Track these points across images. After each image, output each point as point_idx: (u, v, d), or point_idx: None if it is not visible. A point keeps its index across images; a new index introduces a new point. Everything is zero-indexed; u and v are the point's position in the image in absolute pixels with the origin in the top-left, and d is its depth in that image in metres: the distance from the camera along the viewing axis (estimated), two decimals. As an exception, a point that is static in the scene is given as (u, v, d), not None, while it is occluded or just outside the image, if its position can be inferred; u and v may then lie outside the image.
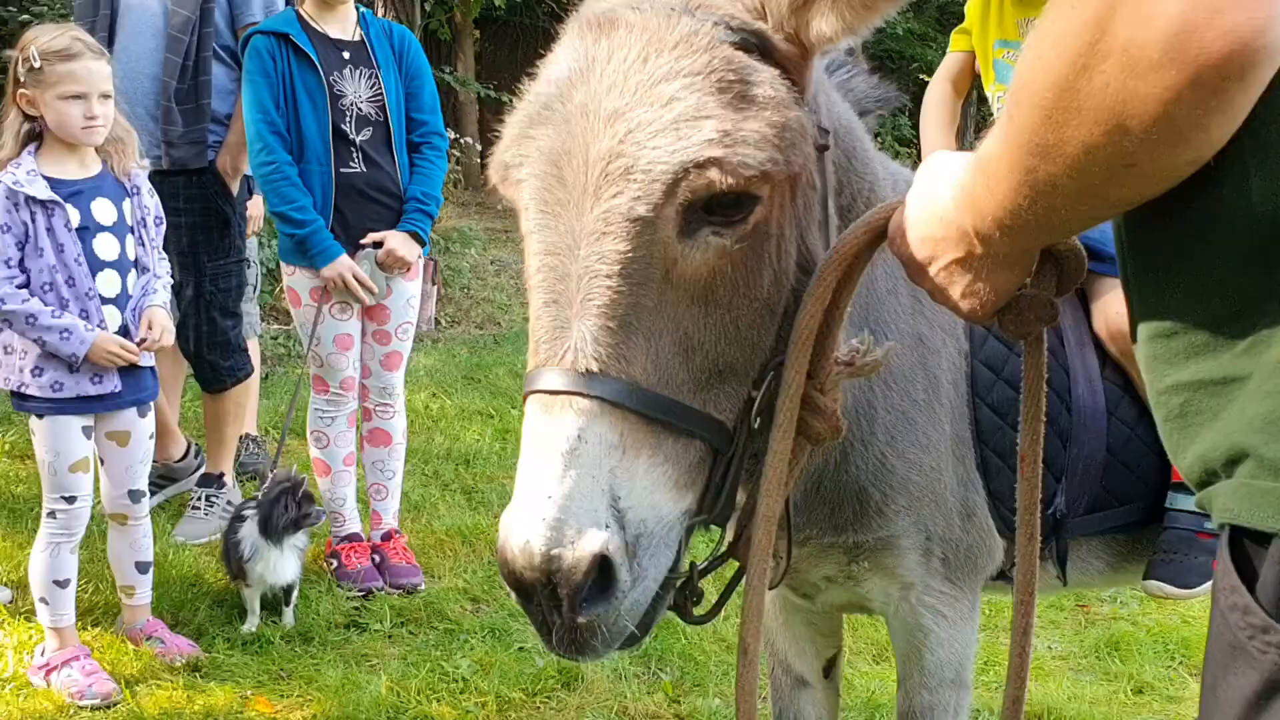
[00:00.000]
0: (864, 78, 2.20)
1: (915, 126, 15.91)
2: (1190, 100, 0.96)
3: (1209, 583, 2.24)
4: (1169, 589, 2.35)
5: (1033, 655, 4.46)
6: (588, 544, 1.43)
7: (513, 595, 1.53)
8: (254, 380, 5.71)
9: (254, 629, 4.41)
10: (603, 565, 1.45)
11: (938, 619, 2.42)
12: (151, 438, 4.17)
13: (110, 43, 4.92)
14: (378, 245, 4.71)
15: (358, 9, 4.85)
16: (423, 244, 4.84)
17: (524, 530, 1.44)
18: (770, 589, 2.34)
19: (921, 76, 17.84)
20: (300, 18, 4.75)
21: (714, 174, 1.51)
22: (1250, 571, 1.07)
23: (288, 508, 4.35)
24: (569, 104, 1.59)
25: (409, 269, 4.81)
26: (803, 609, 2.71)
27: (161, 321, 4.01)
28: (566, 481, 1.45)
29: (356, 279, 4.64)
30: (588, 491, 1.45)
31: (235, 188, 5.23)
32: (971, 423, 2.35)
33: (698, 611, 1.73)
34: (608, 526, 1.45)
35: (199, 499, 5.34)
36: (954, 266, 1.42)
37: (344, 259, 4.64)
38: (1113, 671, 4.44)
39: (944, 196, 1.39)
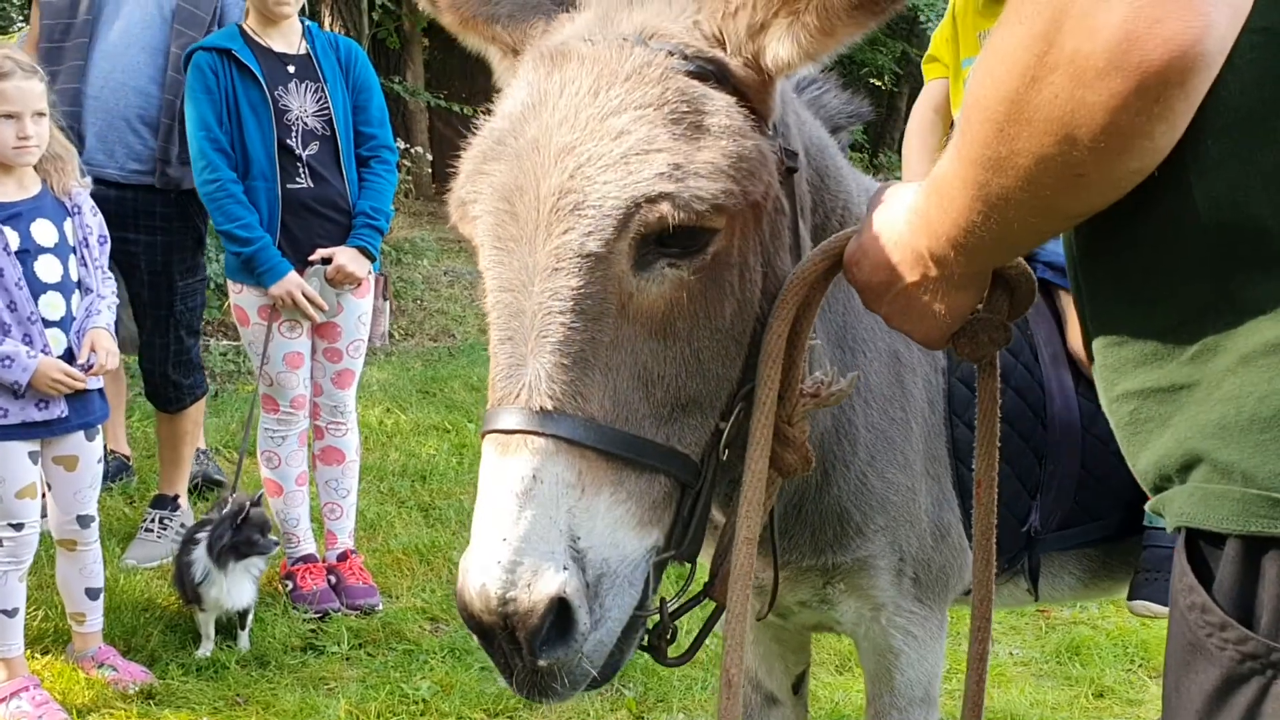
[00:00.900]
0: (835, 94, 2.19)
1: (866, 131, 15.99)
2: (1135, 107, 1.00)
3: None
4: (1155, 608, 2.34)
5: (994, 661, 4.48)
6: (544, 586, 1.40)
7: (474, 638, 1.50)
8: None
9: (208, 654, 4.33)
10: (561, 608, 1.42)
11: (908, 639, 2.40)
12: (100, 461, 4.08)
13: (88, 49, 4.84)
14: (326, 261, 4.64)
15: (303, 22, 4.78)
16: (372, 259, 4.77)
17: (480, 573, 1.41)
18: (758, 620, 2.33)
19: (872, 81, 17.96)
20: (244, 33, 4.67)
21: (665, 208, 1.48)
22: (1207, 572, 1.11)
23: (239, 533, 4.26)
24: (521, 139, 1.57)
25: (359, 285, 4.74)
26: (772, 625, 2.69)
27: (105, 344, 3.92)
28: (522, 523, 1.42)
29: (306, 296, 4.57)
30: (544, 533, 1.42)
31: None
32: (948, 441, 2.33)
33: (673, 652, 1.71)
34: (566, 568, 1.42)
35: (152, 521, 5.23)
36: (909, 290, 1.45)
37: (292, 276, 4.57)
38: (1074, 676, 4.46)
39: (898, 222, 1.42)
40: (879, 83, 17.58)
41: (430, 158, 14.34)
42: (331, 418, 4.93)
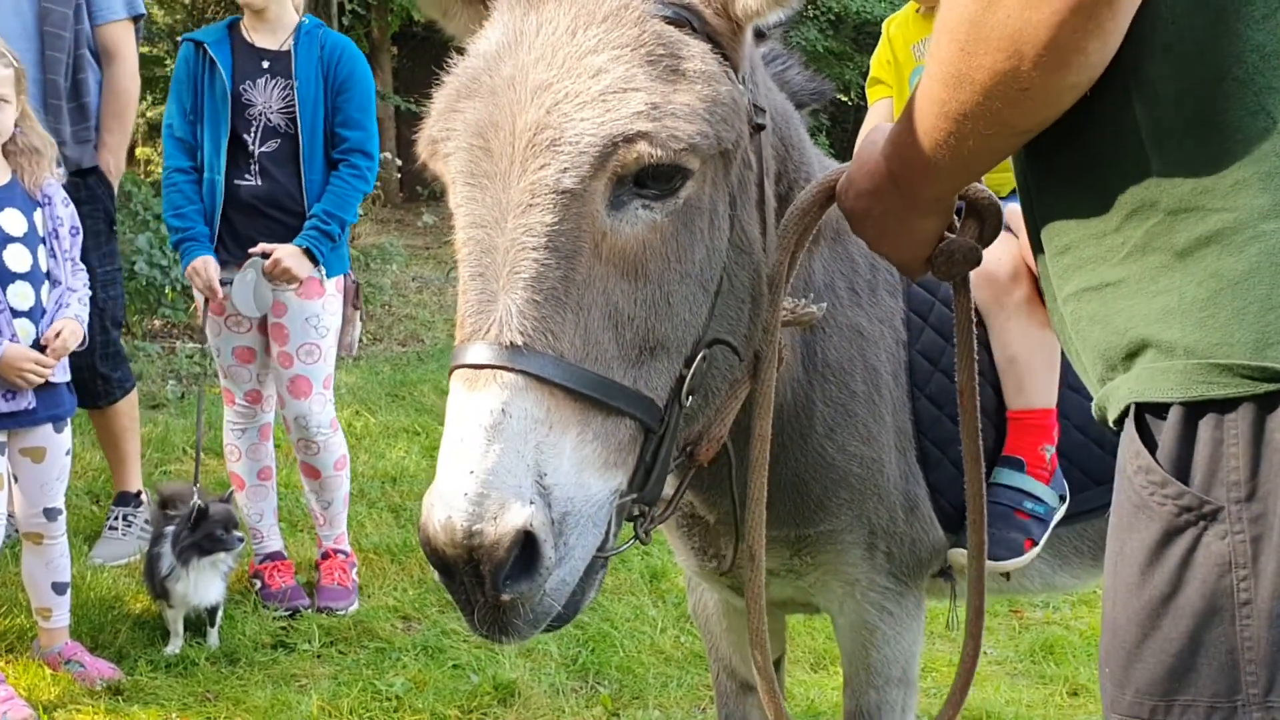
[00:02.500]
0: (799, 70, 2.22)
1: (831, 145, 16.09)
2: (1071, 25, 1.16)
3: (1016, 557, 2.33)
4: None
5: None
6: (511, 519, 1.38)
7: (435, 573, 1.49)
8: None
9: (178, 650, 4.26)
10: (527, 541, 1.41)
11: (883, 616, 2.40)
12: (68, 454, 4.02)
13: None
14: (266, 256, 4.48)
15: (306, 21, 4.70)
16: (315, 262, 4.56)
17: (445, 506, 1.40)
18: (722, 575, 2.33)
19: (839, 96, 18.06)
20: (235, 27, 4.65)
21: (642, 146, 1.50)
22: (1150, 442, 1.27)
23: (198, 529, 4.19)
24: (496, 77, 1.57)
25: (297, 284, 4.54)
26: (744, 611, 2.68)
27: (71, 329, 3.85)
28: (490, 456, 1.40)
29: (209, 285, 4.45)
30: (511, 466, 1.41)
31: (116, 187, 5.09)
32: (911, 413, 2.34)
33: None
34: (532, 502, 1.41)
35: (116, 519, 5.15)
36: (885, 216, 1.64)
37: (200, 260, 4.46)
38: (1048, 675, 4.47)
39: (877, 153, 1.59)
40: (844, 97, 17.71)
41: (399, 163, 14.29)
42: (299, 435, 4.72)
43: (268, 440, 4.90)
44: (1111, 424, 1.37)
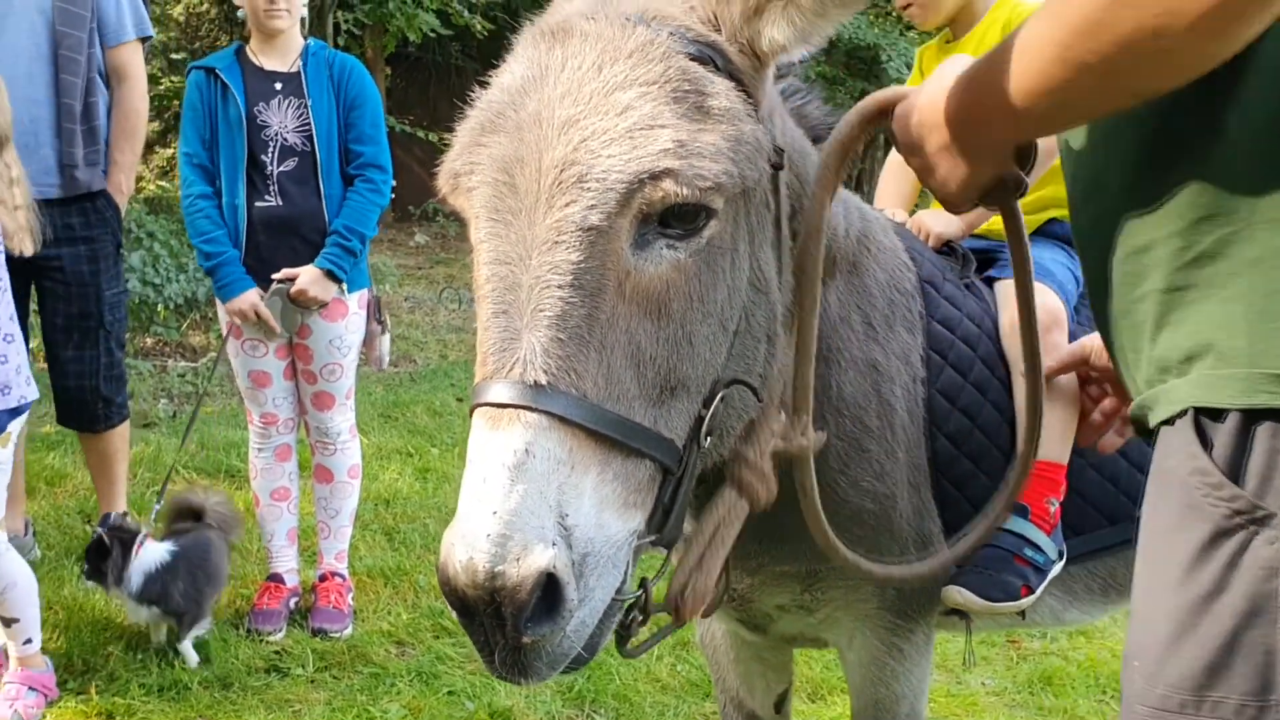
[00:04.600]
0: (817, 105, 2.20)
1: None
2: None
3: (1010, 601, 2.30)
4: (970, 596, 2.34)
5: (966, 691, 4.47)
6: (534, 560, 1.37)
7: (453, 613, 1.47)
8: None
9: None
10: (549, 583, 1.39)
11: (893, 652, 2.38)
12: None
13: None
14: (289, 281, 4.53)
15: (312, 43, 4.73)
16: (338, 281, 4.62)
17: (467, 546, 1.38)
18: (703, 616, 2.32)
19: (831, 120, 18.14)
20: (239, 52, 4.67)
21: (669, 185, 1.50)
22: (1206, 445, 1.29)
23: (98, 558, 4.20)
24: (521, 111, 1.56)
25: (323, 307, 4.61)
26: (754, 644, 2.66)
27: None
28: (513, 497, 1.39)
29: (260, 316, 4.51)
30: (535, 507, 1.39)
31: (124, 209, 5.09)
32: (928, 451, 2.32)
33: (633, 643, 1.69)
34: (554, 544, 1.39)
35: (107, 542, 5.11)
36: (943, 151, 1.60)
37: (247, 295, 4.51)
38: (1046, 706, 4.45)
39: (954, 86, 1.55)
40: (837, 122, 17.78)
41: (393, 184, 14.27)
42: (318, 437, 4.88)
43: (285, 461, 4.90)
44: (1152, 425, 1.39)
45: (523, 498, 1.39)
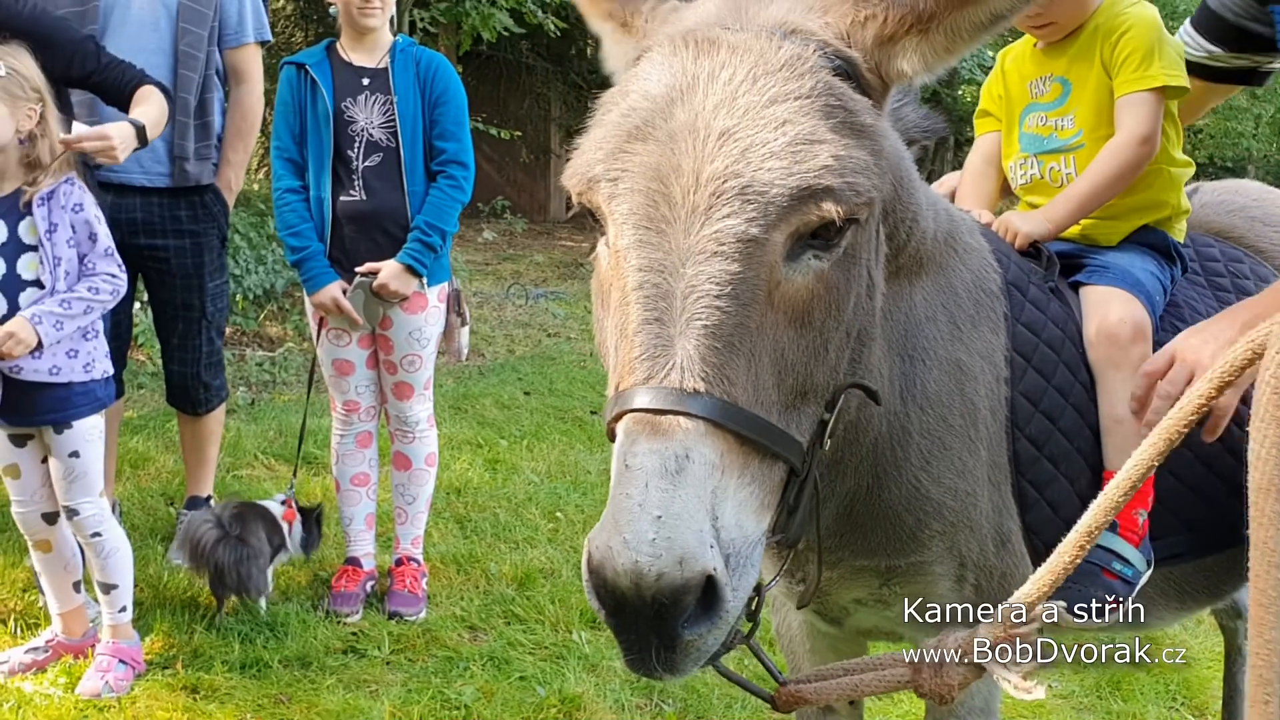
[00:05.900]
0: (914, 107, 2.24)
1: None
2: None
3: (1098, 618, 2.25)
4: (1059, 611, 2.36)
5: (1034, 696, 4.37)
6: (699, 564, 1.40)
7: (602, 614, 1.48)
8: None
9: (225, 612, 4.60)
10: (708, 585, 1.43)
11: None
12: (74, 456, 3.87)
13: None
14: (372, 274, 4.66)
15: (400, 39, 4.84)
16: (419, 276, 4.72)
17: (630, 550, 1.39)
18: (798, 608, 2.36)
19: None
20: (330, 48, 4.79)
21: (828, 199, 1.54)
22: None
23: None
24: (672, 121, 1.59)
25: (404, 300, 4.73)
26: (829, 636, 2.71)
27: (13, 328, 3.59)
28: (676, 502, 1.41)
29: (340, 308, 4.65)
30: (695, 512, 1.42)
31: (232, 203, 5.25)
32: (1009, 450, 2.36)
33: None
34: (712, 547, 1.43)
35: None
36: None
37: (330, 288, 4.64)
38: (1114, 711, 4.45)
39: None
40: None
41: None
42: (397, 425, 5.00)
43: (365, 448, 5.03)
44: None
45: (685, 503, 1.42)
